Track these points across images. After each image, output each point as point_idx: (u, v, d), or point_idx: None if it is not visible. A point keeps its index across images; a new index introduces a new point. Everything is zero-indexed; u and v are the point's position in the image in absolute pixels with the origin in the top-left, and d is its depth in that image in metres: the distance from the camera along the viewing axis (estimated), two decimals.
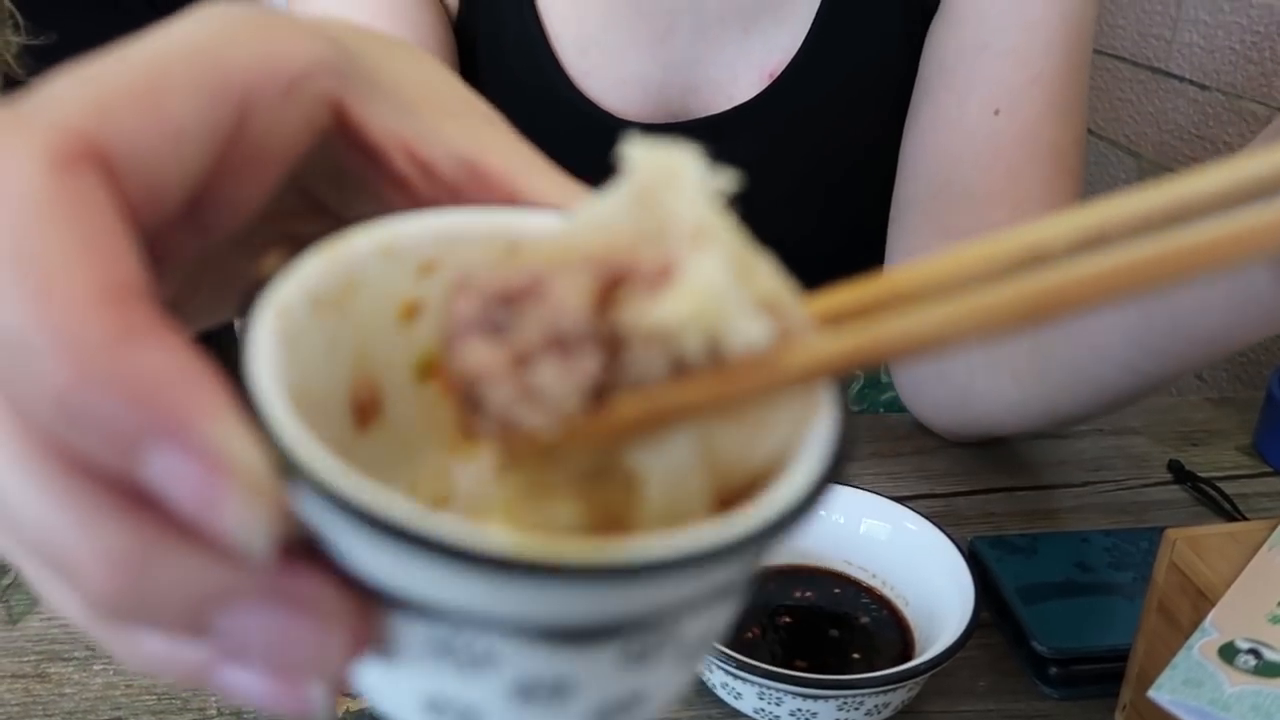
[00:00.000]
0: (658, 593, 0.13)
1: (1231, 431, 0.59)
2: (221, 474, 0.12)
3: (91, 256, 0.12)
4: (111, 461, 0.12)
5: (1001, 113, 0.53)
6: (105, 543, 0.12)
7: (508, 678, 0.14)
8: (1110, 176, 0.99)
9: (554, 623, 0.13)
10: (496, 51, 0.57)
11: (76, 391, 0.12)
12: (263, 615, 0.13)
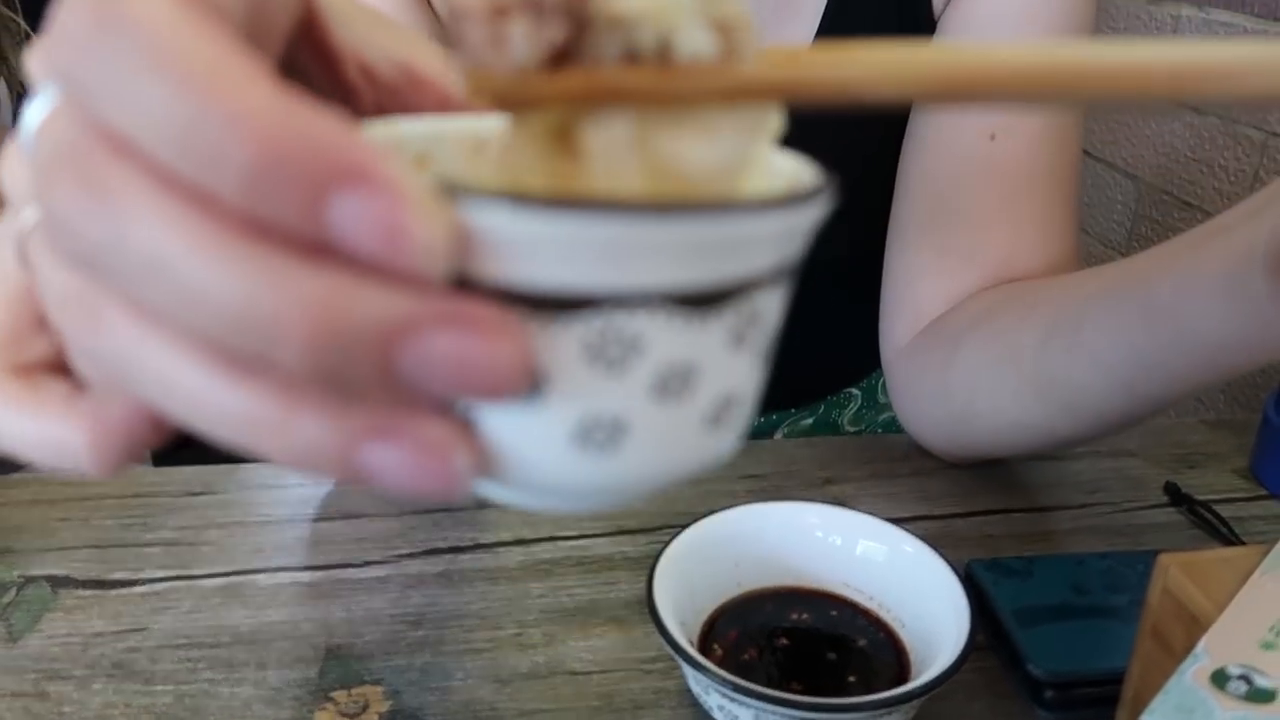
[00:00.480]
0: (761, 238, 0.16)
1: (1228, 454, 0.59)
2: (403, 204, 0.13)
3: (238, 52, 0.14)
4: (297, 222, 0.14)
5: (998, 137, 0.53)
6: (303, 293, 0.14)
7: (650, 366, 0.16)
8: (1108, 199, 0.99)
9: (688, 286, 0.15)
10: None
11: (262, 161, 0.13)
12: (444, 338, 0.14)
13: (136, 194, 0.14)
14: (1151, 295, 0.39)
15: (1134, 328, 0.41)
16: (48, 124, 0.15)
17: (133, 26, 0.14)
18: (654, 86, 0.16)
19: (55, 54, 0.14)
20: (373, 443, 0.15)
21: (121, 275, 0.14)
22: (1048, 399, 0.48)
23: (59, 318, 0.16)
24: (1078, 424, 0.48)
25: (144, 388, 0.16)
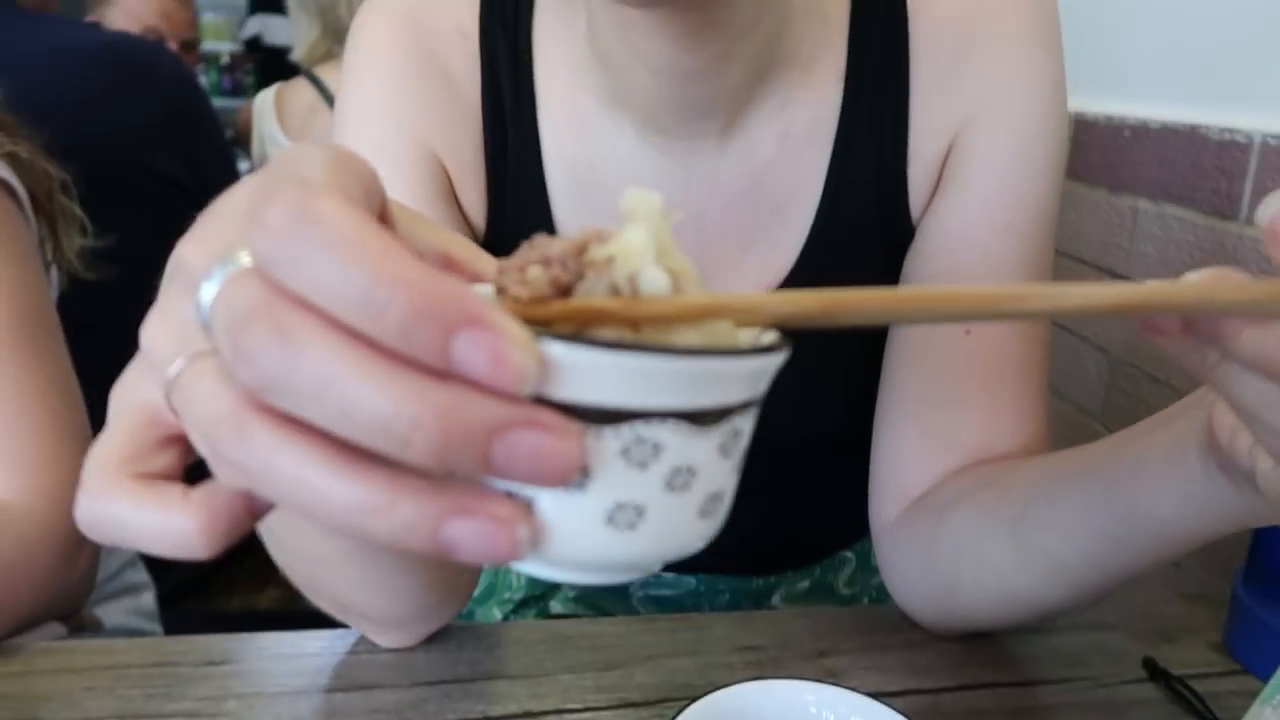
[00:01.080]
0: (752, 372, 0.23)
1: (1203, 628, 0.62)
2: (506, 342, 0.20)
3: (390, 238, 0.20)
4: (434, 353, 0.20)
5: (972, 333, 0.59)
6: (435, 401, 0.20)
7: (665, 465, 0.22)
8: (1082, 369, 1.05)
9: (693, 406, 0.22)
10: None
11: (413, 312, 0.20)
12: (527, 436, 0.20)
13: (316, 336, 0.20)
14: (1111, 476, 0.44)
15: (1098, 505, 0.45)
16: (230, 291, 0.21)
17: (323, 223, 0.20)
18: (630, 311, 0.23)
19: (255, 238, 0.21)
20: (456, 518, 0.21)
21: (294, 395, 0.20)
22: (1026, 571, 0.51)
23: (211, 432, 0.22)
24: (1055, 595, 0.51)
25: (277, 485, 0.21)
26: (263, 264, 0.21)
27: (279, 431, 0.21)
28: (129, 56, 1.23)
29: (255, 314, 0.20)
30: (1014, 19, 0.58)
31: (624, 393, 0.21)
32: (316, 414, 0.20)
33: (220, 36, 5.29)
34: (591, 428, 0.21)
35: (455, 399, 0.20)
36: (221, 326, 0.21)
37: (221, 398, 0.21)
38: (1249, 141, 0.78)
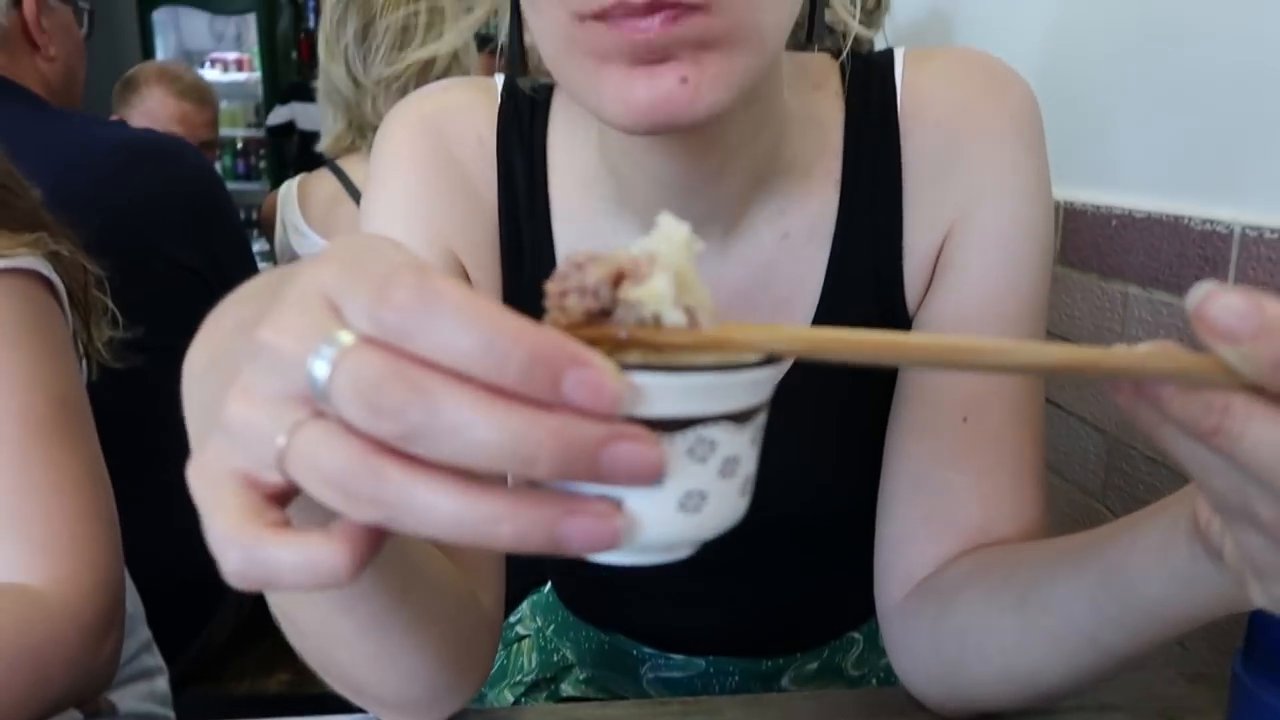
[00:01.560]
0: (771, 378, 0.30)
1: (1206, 709, 0.63)
2: (604, 376, 0.25)
3: (498, 304, 0.25)
4: (548, 391, 0.25)
5: (970, 419, 0.61)
6: (553, 427, 0.25)
7: (719, 458, 0.28)
8: (1082, 449, 1.07)
9: (737, 408, 0.28)
10: None
11: (530, 360, 0.25)
12: (625, 447, 0.25)
13: (447, 389, 0.25)
14: (1106, 559, 0.46)
15: (1094, 587, 0.47)
16: (351, 365, 0.25)
17: (447, 297, 0.25)
18: (653, 339, 0.29)
19: (380, 314, 0.25)
20: (568, 518, 0.26)
21: (433, 440, 0.25)
22: (1029, 652, 0.53)
23: (345, 481, 0.25)
24: (1058, 675, 0.53)
25: (414, 515, 0.25)
26: (389, 336, 0.25)
27: (411, 470, 0.25)
28: (152, 152, 1.28)
29: (390, 378, 0.25)
30: (998, 124, 0.62)
31: (689, 405, 0.27)
32: (450, 453, 0.25)
33: (235, 123, 5.44)
34: (665, 435, 0.27)
35: (568, 424, 0.25)
36: (350, 393, 0.25)
37: (347, 451, 0.25)
38: (1229, 232, 0.82)
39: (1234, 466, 0.30)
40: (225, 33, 5.49)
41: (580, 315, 0.29)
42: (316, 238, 1.50)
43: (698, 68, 0.46)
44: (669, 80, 0.46)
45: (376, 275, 0.26)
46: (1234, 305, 0.27)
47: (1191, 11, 0.90)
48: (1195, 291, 0.28)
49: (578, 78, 0.49)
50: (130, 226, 1.17)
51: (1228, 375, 0.28)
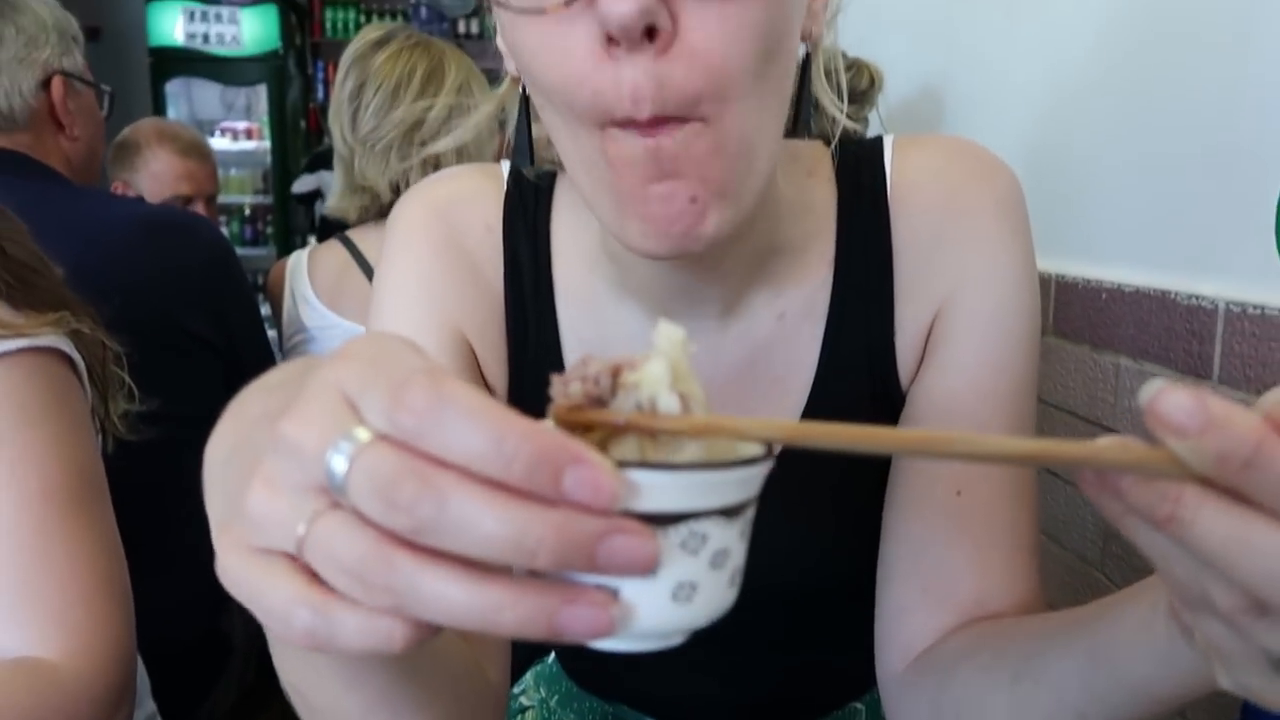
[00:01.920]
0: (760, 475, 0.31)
1: None
2: (601, 473, 0.27)
3: (505, 408, 0.27)
4: (549, 487, 0.27)
5: (963, 493, 0.63)
6: (554, 522, 0.27)
7: (710, 550, 0.30)
8: (1080, 520, 1.08)
9: (727, 504, 0.30)
10: None
11: (534, 459, 0.26)
12: (621, 540, 0.27)
13: (456, 486, 0.26)
14: (1094, 638, 0.48)
15: (1082, 664, 0.48)
16: (367, 461, 0.27)
17: (458, 400, 0.27)
18: (649, 424, 0.31)
19: (396, 415, 0.27)
20: (566, 607, 0.28)
21: (442, 533, 0.26)
22: None
23: (358, 569, 0.27)
24: None
25: (422, 602, 0.27)
26: (403, 435, 0.28)
27: (421, 561, 0.27)
28: (168, 228, 1.32)
29: (403, 475, 0.27)
30: (984, 210, 0.64)
31: (683, 500, 0.29)
32: (458, 545, 0.27)
33: (243, 189, 5.55)
34: (660, 528, 0.29)
35: (567, 519, 0.27)
36: (365, 489, 0.27)
37: (361, 541, 0.27)
38: (1214, 307, 0.85)
39: (1189, 554, 0.32)
40: (235, 103, 5.62)
41: (580, 399, 0.31)
42: (325, 309, 1.52)
43: (705, 186, 0.49)
44: (680, 201, 0.49)
45: (393, 378, 0.28)
46: (1182, 403, 0.29)
47: (1174, 93, 0.93)
48: (1147, 388, 0.30)
49: (594, 191, 0.52)
50: (147, 300, 1.20)
51: (1180, 467, 0.30)
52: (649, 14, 0.45)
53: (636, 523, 0.28)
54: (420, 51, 1.46)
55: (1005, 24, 1.30)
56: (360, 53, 1.47)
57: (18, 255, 0.75)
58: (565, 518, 0.27)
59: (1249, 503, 0.30)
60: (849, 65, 1.46)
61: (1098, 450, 0.31)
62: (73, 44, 1.37)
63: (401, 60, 1.44)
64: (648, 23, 0.45)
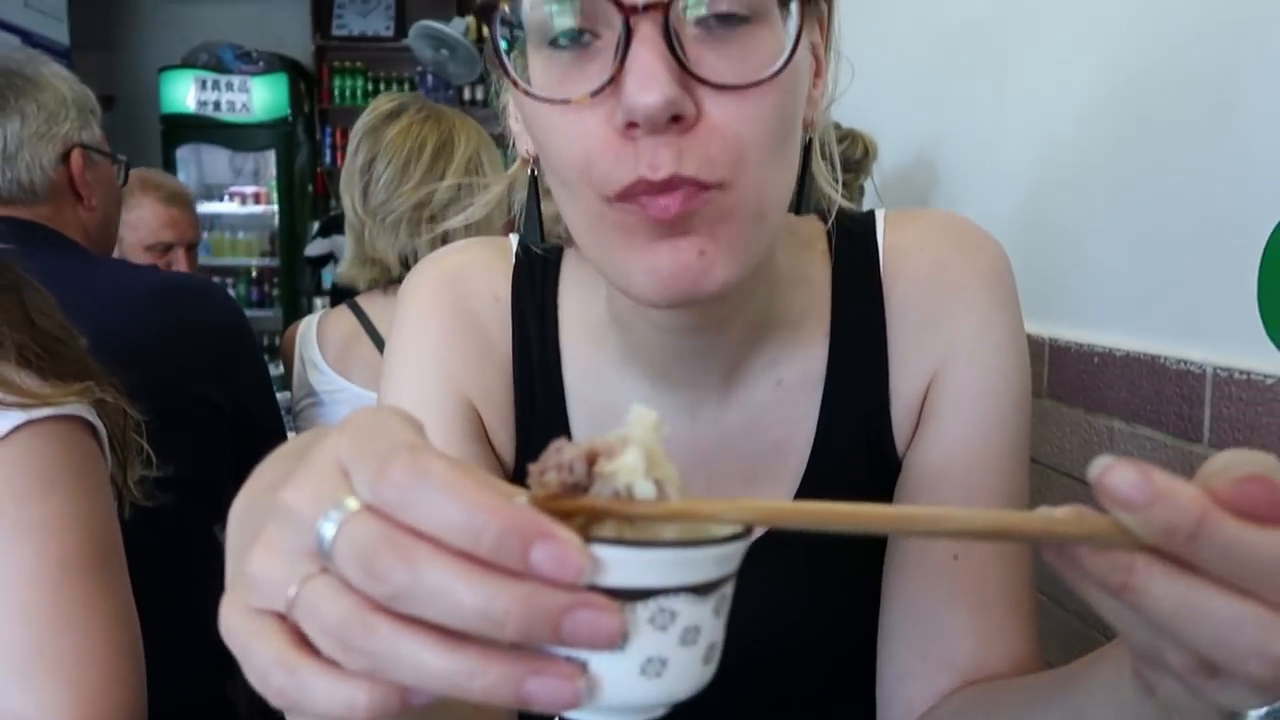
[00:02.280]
0: (733, 554, 0.32)
1: None
2: (568, 549, 0.28)
3: (481, 480, 0.30)
4: (517, 561, 0.28)
5: (960, 558, 0.64)
6: (521, 595, 0.28)
7: (680, 628, 0.31)
8: None
9: (698, 581, 0.31)
10: None
11: (503, 533, 0.28)
12: (586, 614, 0.29)
13: (431, 557, 0.28)
14: (1069, 697, 0.49)
15: None
16: (351, 530, 0.29)
17: (435, 475, 0.29)
18: (626, 509, 0.32)
19: (378, 488, 0.29)
20: (533, 677, 0.29)
21: (416, 601, 0.28)
22: None
23: (339, 632, 0.29)
24: None
25: (397, 666, 0.29)
26: (385, 507, 0.29)
27: (396, 625, 0.29)
28: (182, 294, 1.35)
29: (381, 545, 0.29)
30: (972, 284, 0.67)
31: (651, 577, 0.30)
32: (431, 613, 0.28)
33: (250, 252, 5.63)
34: (628, 604, 0.30)
35: (534, 592, 0.28)
36: (348, 555, 0.29)
37: (343, 605, 0.29)
38: (1202, 372, 0.87)
39: (1144, 619, 0.34)
40: (244, 168, 5.73)
41: (557, 488, 0.32)
42: (333, 374, 1.55)
43: (714, 243, 0.52)
44: (688, 253, 0.51)
45: (379, 451, 0.30)
46: (1128, 477, 0.31)
47: (1159, 165, 0.97)
48: (1095, 465, 0.32)
49: (604, 255, 0.55)
50: (161, 367, 1.23)
51: (1131, 538, 0.32)
52: (675, 105, 0.48)
53: (602, 597, 0.29)
54: (430, 125, 1.50)
55: (994, 96, 1.35)
56: (372, 125, 1.51)
57: (46, 327, 0.77)
58: (531, 590, 0.28)
59: (1196, 571, 0.32)
60: (844, 136, 1.51)
61: (1054, 523, 0.33)
62: (91, 117, 1.41)
63: (412, 135, 1.48)
64: (673, 112, 0.48)
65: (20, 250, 0.87)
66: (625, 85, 0.48)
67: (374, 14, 5.84)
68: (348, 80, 5.84)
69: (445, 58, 4.23)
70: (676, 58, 0.48)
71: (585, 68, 0.51)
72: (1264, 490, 0.31)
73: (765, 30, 0.51)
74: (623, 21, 0.48)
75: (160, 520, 0.93)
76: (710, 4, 0.50)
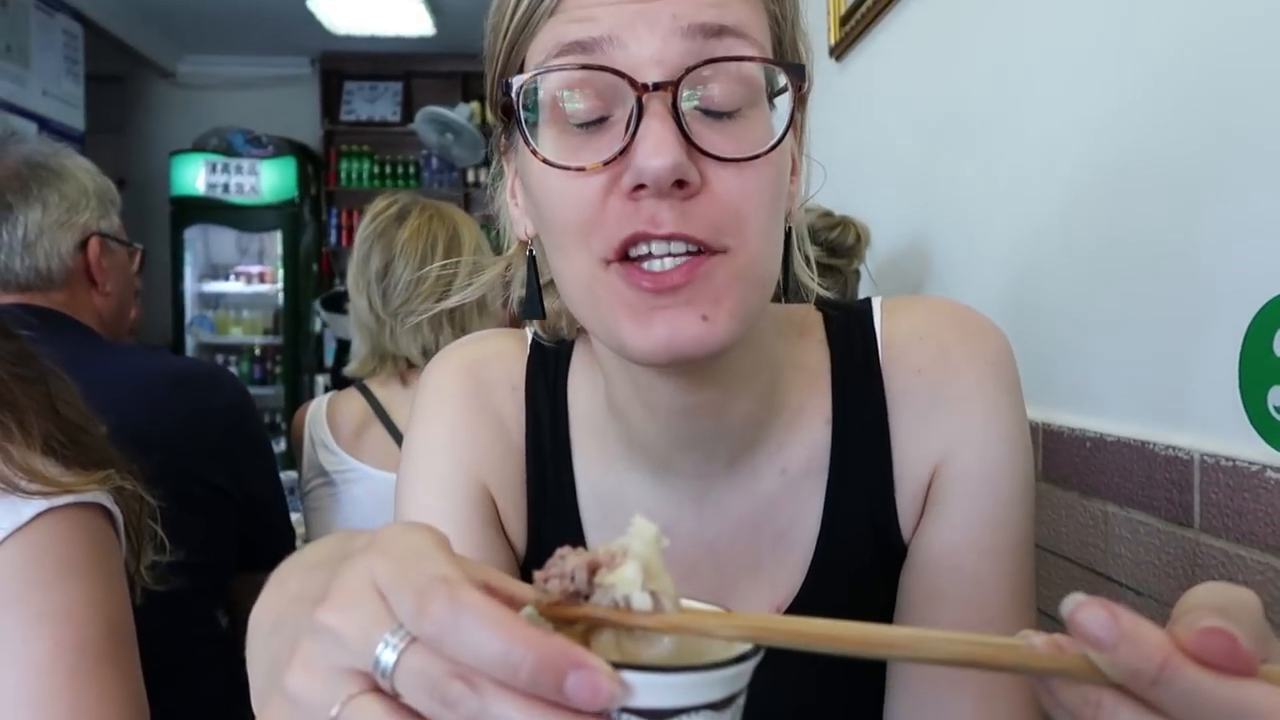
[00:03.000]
0: (748, 670, 0.35)
1: None
2: (601, 678, 0.32)
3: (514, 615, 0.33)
4: (553, 690, 0.32)
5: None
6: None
7: None
8: None
9: (716, 698, 0.34)
10: None
11: (539, 666, 0.32)
12: None
13: (481, 684, 0.32)
14: None
15: None
16: (413, 659, 0.33)
17: (471, 611, 0.32)
18: (624, 619, 0.35)
19: (420, 623, 0.33)
20: None
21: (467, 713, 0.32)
22: None
23: None
24: None
25: None
26: (427, 640, 0.33)
27: None
28: (193, 381, 1.37)
29: (448, 676, 0.32)
30: (975, 372, 0.69)
31: (675, 698, 0.33)
32: None
33: (254, 330, 5.69)
34: None
35: (567, 717, 0.32)
36: (415, 684, 0.33)
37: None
38: (1190, 458, 0.89)
39: None
40: (250, 247, 5.83)
41: (559, 596, 0.36)
42: (345, 454, 1.57)
43: (717, 306, 0.55)
44: (690, 318, 0.55)
45: (417, 583, 0.33)
46: (1098, 617, 0.34)
47: (1140, 254, 1.01)
48: (1068, 601, 0.35)
49: (601, 318, 0.58)
50: (174, 454, 1.25)
51: (1100, 675, 0.35)
52: (681, 170, 0.52)
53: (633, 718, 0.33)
54: (438, 222, 1.59)
55: (980, 185, 1.40)
56: (381, 229, 1.58)
57: (70, 415, 0.80)
58: (567, 716, 0.32)
59: (1159, 711, 0.34)
60: (837, 223, 1.55)
61: (1030, 657, 0.36)
62: (110, 206, 1.46)
63: (422, 235, 1.56)
64: (679, 177, 0.52)
65: (43, 337, 0.90)
66: (636, 152, 0.53)
67: (381, 100, 6.01)
68: (354, 163, 5.98)
69: (450, 141, 4.35)
70: (683, 131, 0.53)
71: (597, 143, 0.55)
72: (1224, 643, 0.33)
73: (757, 115, 0.57)
74: (636, 99, 0.53)
75: (166, 603, 0.94)
76: (707, 99, 0.55)
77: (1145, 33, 1.00)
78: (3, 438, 0.73)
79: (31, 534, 0.72)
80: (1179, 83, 0.95)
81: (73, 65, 4.76)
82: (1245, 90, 0.86)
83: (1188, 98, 0.93)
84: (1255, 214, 0.84)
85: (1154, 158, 0.99)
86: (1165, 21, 0.96)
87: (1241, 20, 0.86)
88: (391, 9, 4.99)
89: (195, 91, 6.02)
